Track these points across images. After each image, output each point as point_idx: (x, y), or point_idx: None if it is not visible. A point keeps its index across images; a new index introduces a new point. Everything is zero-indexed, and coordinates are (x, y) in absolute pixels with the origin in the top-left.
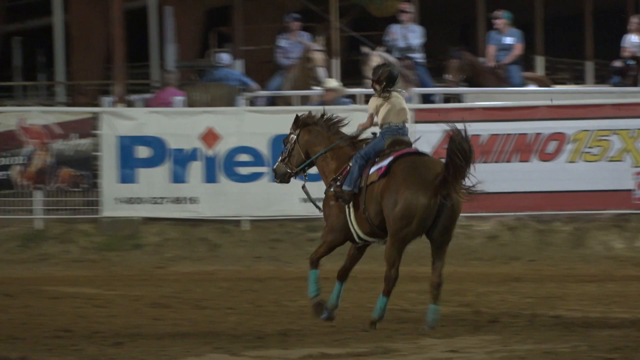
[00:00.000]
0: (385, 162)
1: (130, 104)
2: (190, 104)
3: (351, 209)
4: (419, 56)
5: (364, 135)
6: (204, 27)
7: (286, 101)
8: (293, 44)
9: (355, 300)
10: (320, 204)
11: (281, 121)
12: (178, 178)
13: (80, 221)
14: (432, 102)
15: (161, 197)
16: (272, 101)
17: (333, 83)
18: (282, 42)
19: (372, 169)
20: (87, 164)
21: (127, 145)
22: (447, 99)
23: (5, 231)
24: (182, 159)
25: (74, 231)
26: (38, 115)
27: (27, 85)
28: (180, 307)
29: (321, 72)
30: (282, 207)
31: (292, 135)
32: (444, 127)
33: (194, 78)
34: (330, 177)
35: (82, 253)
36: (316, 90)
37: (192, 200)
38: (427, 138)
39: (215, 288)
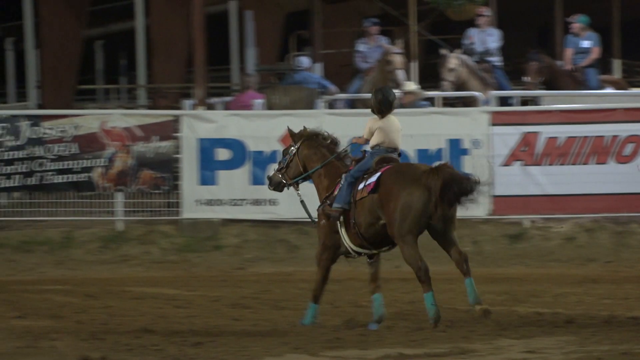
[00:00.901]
0: (373, 179)
1: (210, 107)
2: (270, 106)
3: (343, 226)
4: (496, 59)
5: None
6: (283, 30)
7: (365, 104)
8: (372, 47)
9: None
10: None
11: (360, 124)
12: (257, 180)
13: (161, 222)
14: (510, 104)
15: (241, 199)
16: (351, 104)
17: (412, 86)
18: (361, 46)
19: (361, 185)
20: (167, 166)
21: (207, 147)
22: (525, 101)
23: (86, 232)
24: (262, 161)
25: (154, 232)
26: (119, 118)
27: (109, 88)
28: (260, 308)
29: (400, 74)
30: None
31: (292, 148)
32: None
33: (274, 81)
34: (323, 194)
35: (163, 254)
36: (395, 93)
37: (272, 202)
38: (504, 140)
39: (295, 289)
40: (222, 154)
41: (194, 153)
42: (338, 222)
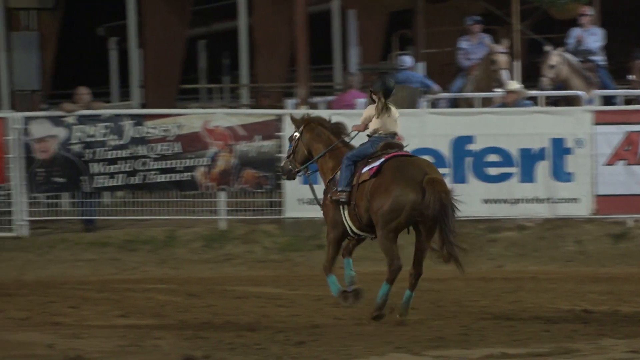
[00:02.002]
0: (377, 163)
1: (313, 106)
2: None
3: (345, 206)
4: (599, 59)
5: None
6: (386, 30)
7: (468, 103)
8: (474, 46)
9: (536, 301)
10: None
11: (463, 123)
12: None
13: (263, 222)
14: (614, 104)
15: None
16: (454, 103)
17: (515, 85)
18: (464, 43)
19: (365, 169)
20: (270, 166)
21: None
22: (629, 100)
23: (189, 231)
24: None
25: (257, 232)
26: (222, 117)
27: (212, 87)
28: (362, 307)
29: (504, 74)
30: (463, 207)
31: (295, 134)
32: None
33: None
34: (328, 175)
35: (265, 253)
36: (498, 92)
37: None
38: (607, 139)
39: (397, 288)
40: None
41: None
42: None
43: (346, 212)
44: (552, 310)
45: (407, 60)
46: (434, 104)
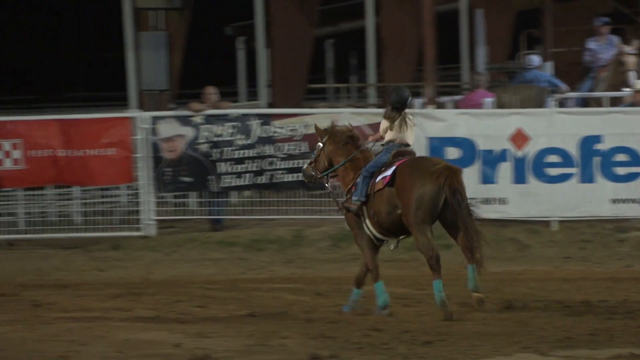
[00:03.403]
0: (389, 172)
1: (440, 106)
2: (500, 105)
3: (365, 215)
4: None
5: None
6: (514, 29)
7: (597, 103)
8: (602, 46)
9: None
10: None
11: (591, 123)
12: (487, 179)
13: None
14: None
15: (470, 198)
16: (583, 103)
17: None
18: (591, 43)
19: (378, 178)
20: None
21: (437, 146)
22: None
23: (317, 231)
24: (492, 159)
25: None
26: (349, 117)
27: (339, 87)
28: (490, 307)
29: (632, 76)
30: (591, 207)
31: (319, 143)
32: None
33: (504, 80)
34: (348, 186)
35: (392, 253)
36: (626, 92)
37: (502, 201)
38: None
39: (524, 288)
40: (452, 153)
41: (424, 151)
42: (360, 212)
43: (367, 221)
44: None
45: (535, 59)
46: (561, 104)
